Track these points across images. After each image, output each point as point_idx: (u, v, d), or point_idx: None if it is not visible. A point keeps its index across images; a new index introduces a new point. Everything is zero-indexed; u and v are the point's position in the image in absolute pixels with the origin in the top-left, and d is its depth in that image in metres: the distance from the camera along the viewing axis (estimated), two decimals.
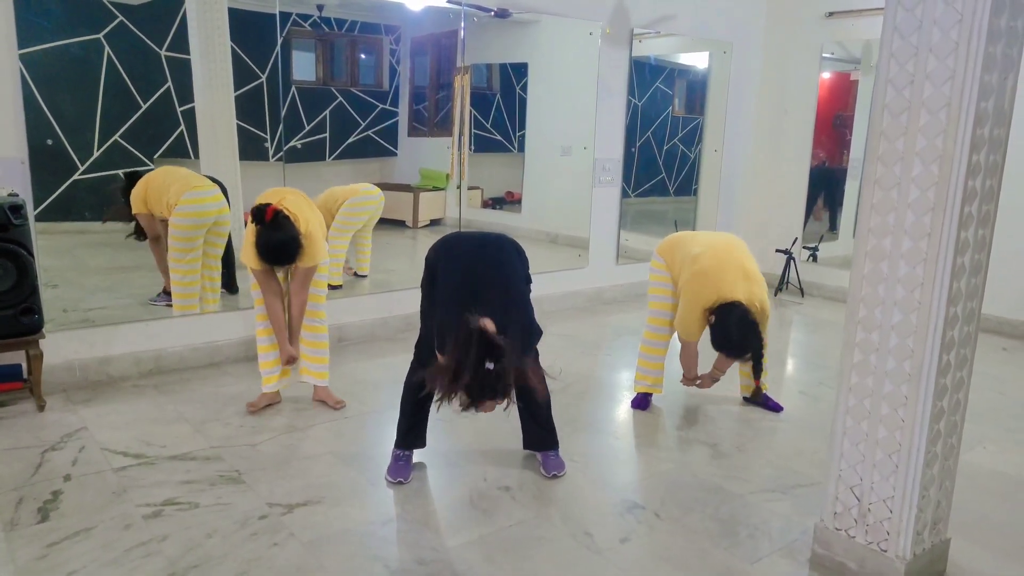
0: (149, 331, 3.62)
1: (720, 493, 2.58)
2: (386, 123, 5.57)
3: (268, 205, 2.86)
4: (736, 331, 2.89)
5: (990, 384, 3.79)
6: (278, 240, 2.86)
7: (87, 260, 4.25)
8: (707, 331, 3.00)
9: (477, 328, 2.06)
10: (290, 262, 2.97)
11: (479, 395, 2.13)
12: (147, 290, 3.97)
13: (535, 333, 2.38)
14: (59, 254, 3.95)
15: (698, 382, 3.30)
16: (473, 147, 5.79)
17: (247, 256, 2.94)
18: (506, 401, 2.15)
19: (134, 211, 3.66)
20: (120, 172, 3.99)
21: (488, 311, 2.14)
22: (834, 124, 6.05)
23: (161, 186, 3.62)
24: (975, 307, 1.95)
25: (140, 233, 3.77)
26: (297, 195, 3.09)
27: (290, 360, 3.11)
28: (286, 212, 2.89)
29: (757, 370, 3.13)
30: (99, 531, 2.21)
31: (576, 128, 5.28)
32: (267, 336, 3.11)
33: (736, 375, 3.43)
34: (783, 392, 3.62)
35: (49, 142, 3.76)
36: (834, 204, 6.13)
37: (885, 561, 2.00)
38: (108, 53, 3.92)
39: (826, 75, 5.86)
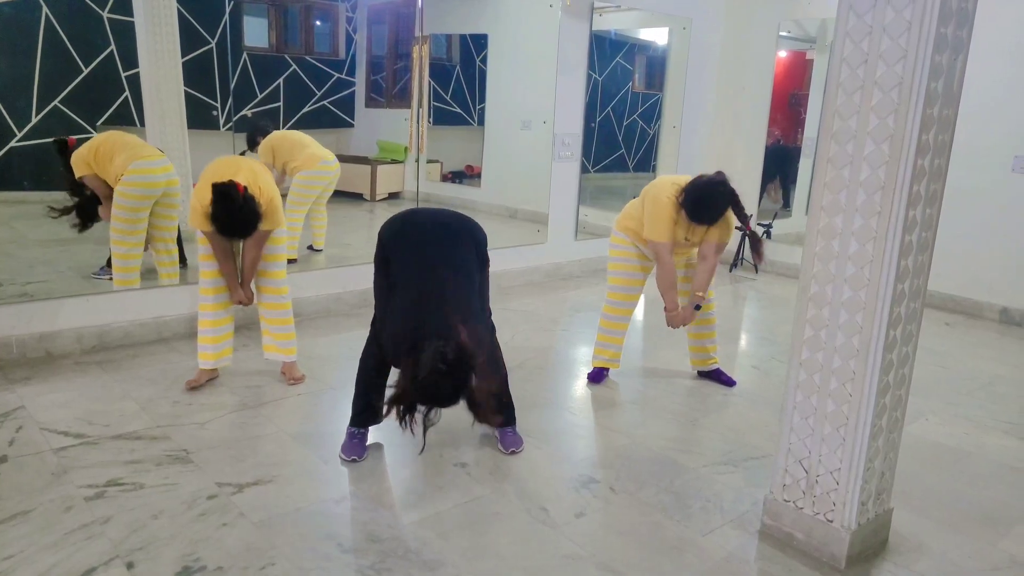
0: (92, 306, 3.48)
1: (674, 467, 2.62)
2: (342, 93, 5.43)
3: (236, 185, 2.77)
4: (706, 189, 2.94)
5: (933, 358, 3.92)
6: (240, 220, 2.80)
7: (26, 232, 4.07)
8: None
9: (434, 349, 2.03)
10: (248, 236, 2.91)
11: (434, 400, 2.13)
12: (90, 263, 3.83)
13: (488, 329, 2.37)
14: None
15: (678, 315, 3.14)
16: (432, 120, 5.69)
17: (197, 221, 2.84)
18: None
19: (77, 174, 3.47)
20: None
21: (439, 316, 2.13)
22: (790, 103, 6.12)
23: (109, 152, 3.45)
24: (921, 284, 1.99)
25: (84, 223, 3.60)
26: (252, 162, 3.01)
27: (240, 303, 3.06)
28: (250, 191, 2.82)
29: (742, 217, 3.07)
30: (38, 514, 2.13)
31: (536, 102, 5.23)
32: (211, 312, 3.03)
33: (688, 350, 3.47)
34: (736, 367, 3.68)
35: None
36: (788, 182, 6.23)
37: (831, 531, 2.06)
38: (46, 13, 3.72)
39: (783, 53, 5.91)
